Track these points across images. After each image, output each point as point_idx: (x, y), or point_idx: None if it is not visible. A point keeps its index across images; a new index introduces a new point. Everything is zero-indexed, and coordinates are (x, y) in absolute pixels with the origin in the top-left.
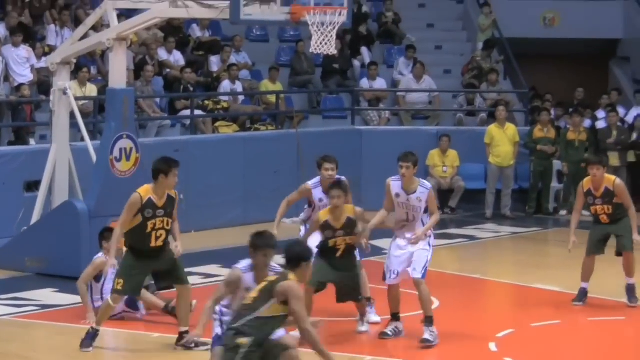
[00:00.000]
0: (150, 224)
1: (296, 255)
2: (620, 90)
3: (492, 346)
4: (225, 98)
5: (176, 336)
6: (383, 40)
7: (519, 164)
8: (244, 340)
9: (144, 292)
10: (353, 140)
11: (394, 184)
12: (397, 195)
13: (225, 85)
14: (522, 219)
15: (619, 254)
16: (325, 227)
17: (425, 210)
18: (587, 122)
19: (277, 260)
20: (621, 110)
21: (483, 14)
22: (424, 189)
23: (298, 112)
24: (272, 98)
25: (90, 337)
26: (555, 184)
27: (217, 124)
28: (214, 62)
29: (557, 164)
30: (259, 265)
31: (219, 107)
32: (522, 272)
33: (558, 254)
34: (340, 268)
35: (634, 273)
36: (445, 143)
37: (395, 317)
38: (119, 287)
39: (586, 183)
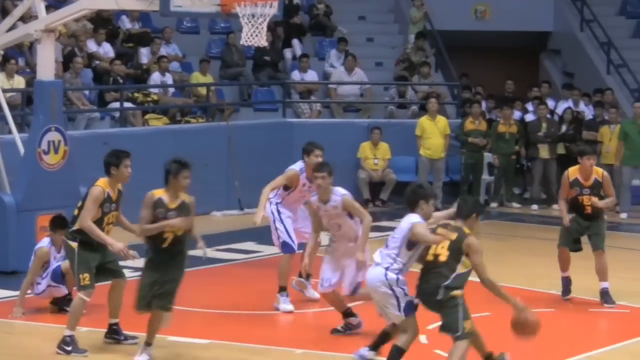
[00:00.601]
0: (106, 219)
1: (470, 208)
2: (551, 82)
3: (423, 338)
4: (155, 90)
5: (104, 330)
6: (314, 33)
7: (449, 156)
8: (458, 292)
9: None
10: (284, 132)
11: (313, 199)
12: (319, 208)
13: (155, 77)
14: None
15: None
16: (158, 205)
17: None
18: (517, 115)
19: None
20: (551, 103)
21: (414, 6)
22: (337, 197)
23: (229, 105)
24: (203, 90)
25: (73, 344)
26: (486, 177)
27: (147, 116)
28: (144, 54)
29: (487, 157)
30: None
31: (148, 99)
32: None
33: (488, 247)
34: (166, 262)
35: (607, 276)
36: (377, 135)
37: (345, 314)
38: (87, 282)
39: (572, 172)
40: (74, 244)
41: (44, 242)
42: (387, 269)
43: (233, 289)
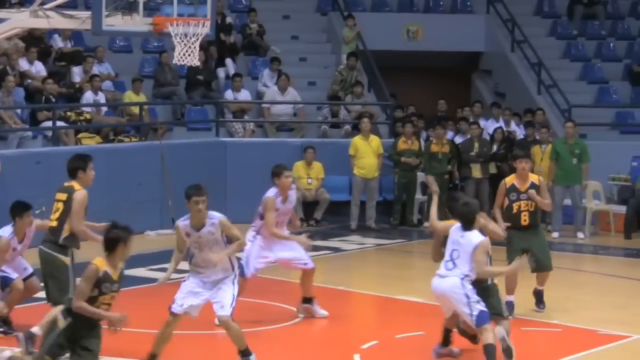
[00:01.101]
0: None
1: (473, 216)
2: (483, 102)
3: (357, 358)
4: (88, 109)
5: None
6: (247, 52)
7: (383, 175)
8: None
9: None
10: (217, 152)
11: (183, 224)
12: (188, 234)
13: (88, 96)
14: (386, 230)
15: (535, 270)
16: (104, 280)
17: (229, 241)
18: (449, 135)
19: None
20: (484, 122)
21: (347, 26)
22: (213, 220)
23: (162, 124)
24: (136, 109)
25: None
26: (419, 196)
27: (80, 135)
28: (76, 73)
29: (420, 176)
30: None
31: (81, 118)
32: (386, 283)
33: (422, 266)
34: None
35: (545, 283)
36: (310, 155)
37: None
38: None
39: (509, 180)
40: (66, 259)
41: (5, 232)
42: (462, 279)
43: (166, 309)
